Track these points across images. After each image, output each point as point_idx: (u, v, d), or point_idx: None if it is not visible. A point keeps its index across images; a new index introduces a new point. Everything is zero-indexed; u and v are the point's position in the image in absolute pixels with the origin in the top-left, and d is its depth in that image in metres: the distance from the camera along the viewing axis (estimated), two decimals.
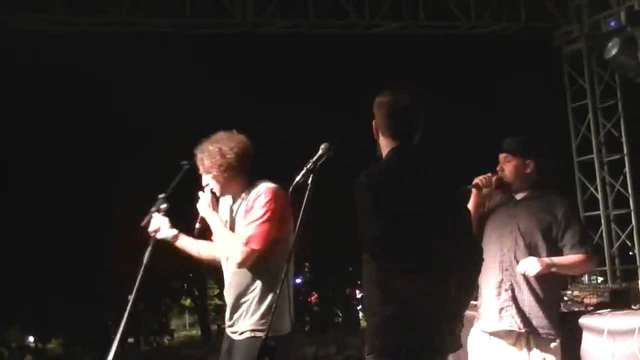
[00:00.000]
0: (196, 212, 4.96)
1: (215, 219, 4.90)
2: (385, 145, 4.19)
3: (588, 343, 5.77)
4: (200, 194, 4.96)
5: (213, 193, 4.93)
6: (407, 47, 15.65)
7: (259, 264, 4.75)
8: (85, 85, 18.15)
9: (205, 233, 4.98)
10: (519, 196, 5.42)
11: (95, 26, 11.26)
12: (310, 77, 19.40)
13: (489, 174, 5.38)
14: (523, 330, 5.31)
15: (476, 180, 5.40)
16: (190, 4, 10.89)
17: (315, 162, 4.23)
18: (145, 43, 14.73)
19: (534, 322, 5.30)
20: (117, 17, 10.87)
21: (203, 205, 4.93)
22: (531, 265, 5.19)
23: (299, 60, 18.59)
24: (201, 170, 4.94)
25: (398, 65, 18.38)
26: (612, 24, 10.96)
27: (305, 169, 4.23)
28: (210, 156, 4.85)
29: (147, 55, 16.66)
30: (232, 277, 4.88)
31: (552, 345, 5.30)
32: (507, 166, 5.37)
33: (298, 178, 4.22)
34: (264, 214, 4.72)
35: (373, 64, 18.23)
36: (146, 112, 19.04)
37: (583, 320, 5.86)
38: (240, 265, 4.76)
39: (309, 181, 4.20)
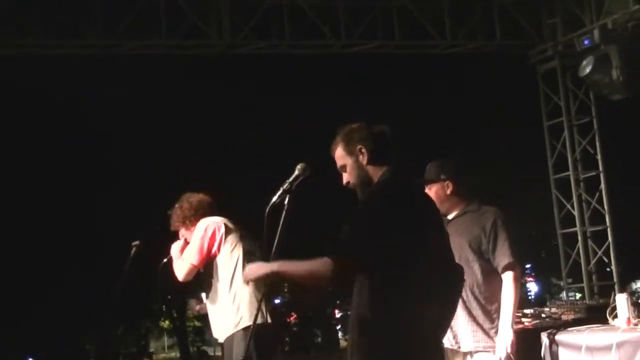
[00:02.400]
0: (169, 251, 6.05)
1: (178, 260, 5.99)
2: (375, 168, 4.10)
3: (566, 359, 5.80)
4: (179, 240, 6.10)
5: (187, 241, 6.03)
6: (383, 65, 15.70)
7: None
8: (62, 107, 17.99)
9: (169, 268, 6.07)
10: (451, 216, 5.50)
11: (70, 49, 11.18)
12: (288, 97, 19.40)
13: None
14: (457, 348, 5.35)
15: None
16: (166, 26, 10.86)
17: (291, 183, 4.20)
18: (122, 64, 14.69)
19: (469, 339, 5.33)
20: (93, 40, 10.82)
21: (175, 248, 6.02)
22: (505, 345, 5.22)
23: (277, 80, 18.57)
24: (172, 228, 6.11)
25: (373, 84, 18.46)
26: (586, 42, 11.05)
27: (281, 189, 4.20)
28: (174, 214, 6.10)
29: (124, 76, 16.61)
30: None
31: (491, 357, 5.31)
32: (430, 193, 5.42)
33: (274, 199, 4.18)
34: (197, 238, 5.85)
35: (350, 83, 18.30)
36: (125, 132, 18.94)
37: (561, 337, 5.90)
38: (182, 279, 5.88)
39: (286, 202, 4.18)
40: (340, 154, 4.17)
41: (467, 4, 11.90)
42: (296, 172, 4.21)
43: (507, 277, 5.30)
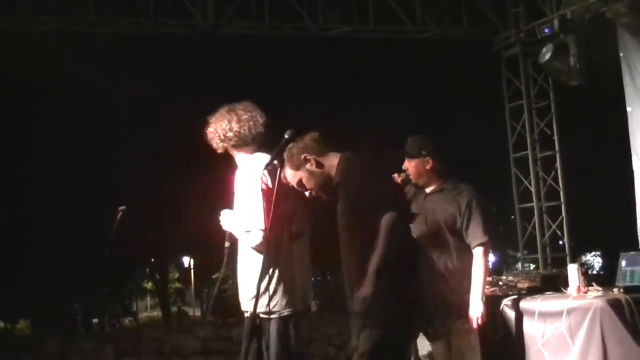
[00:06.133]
0: (222, 231, 4.83)
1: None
2: (325, 159, 4.39)
3: (521, 324, 5.86)
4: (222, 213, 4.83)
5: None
6: (356, 49, 15.60)
7: None
8: (46, 85, 17.54)
9: (234, 247, 4.86)
10: (429, 190, 5.52)
11: (57, 24, 10.95)
12: (270, 78, 19.23)
13: (395, 174, 5.44)
14: None
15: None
16: (152, 4, 10.75)
17: (282, 146, 4.37)
18: (108, 43, 14.50)
19: (442, 309, 5.35)
20: (83, 17, 10.68)
21: (224, 221, 4.80)
22: (476, 316, 5.30)
23: (259, 61, 18.36)
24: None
25: (345, 67, 18.33)
26: (546, 31, 11.08)
27: (275, 151, 4.42)
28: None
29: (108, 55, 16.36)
30: None
31: (463, 325, 5.35)
32: (409, 166, 5.45)
33: (269, 159, 4.43)
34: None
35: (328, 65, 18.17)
36: (107, 111, 18.61)
37: (517, 303, 5.95)
38: None
39: (278, 163, 4.40)
40: (291, 174, 4.36)
41: None
42: (286, 137, 4.36)
43: (477, 253, 5.35)
